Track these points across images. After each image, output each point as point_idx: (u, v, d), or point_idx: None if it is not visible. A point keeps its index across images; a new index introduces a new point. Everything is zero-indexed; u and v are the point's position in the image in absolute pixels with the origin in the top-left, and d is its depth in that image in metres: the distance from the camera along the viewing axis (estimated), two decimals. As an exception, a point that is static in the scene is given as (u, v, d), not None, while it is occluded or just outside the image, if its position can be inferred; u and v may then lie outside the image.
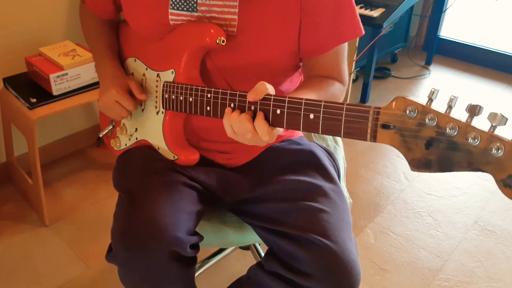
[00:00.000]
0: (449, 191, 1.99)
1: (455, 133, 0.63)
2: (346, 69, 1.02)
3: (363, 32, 0.97)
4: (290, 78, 1.04)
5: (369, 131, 0.70)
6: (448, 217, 1.84)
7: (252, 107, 0.82)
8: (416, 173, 2.09)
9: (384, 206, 1.88)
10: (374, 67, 2.55)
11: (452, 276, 1.57)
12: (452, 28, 3.33)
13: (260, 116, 0.81)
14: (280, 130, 0.83)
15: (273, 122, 0.81)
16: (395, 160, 2.18)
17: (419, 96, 2.78)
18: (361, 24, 0.97)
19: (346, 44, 0.99)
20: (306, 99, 0.76)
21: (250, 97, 0.81)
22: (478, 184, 2.03)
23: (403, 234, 1.75)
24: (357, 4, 2.33)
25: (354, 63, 2.49)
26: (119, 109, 1.00)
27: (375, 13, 2.27)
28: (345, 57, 1.01)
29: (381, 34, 2.40)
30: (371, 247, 1.68)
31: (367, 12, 2.29)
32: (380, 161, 2.18)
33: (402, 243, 1.70)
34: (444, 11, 3.05)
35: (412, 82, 2.94)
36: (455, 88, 2.89)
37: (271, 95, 0.81)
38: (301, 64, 1.04)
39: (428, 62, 3.17)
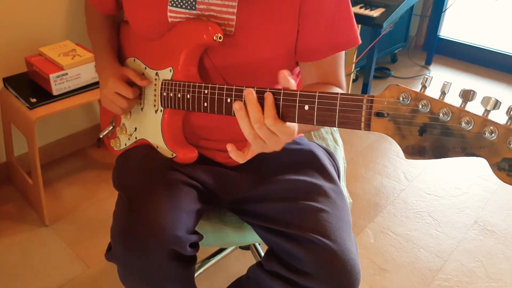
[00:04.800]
0: (449, 191, 1.99)
1: (449, 118, 0.62)
2: (344, 76, 1.02)
3: (360, 42, 0.97)
4: None
5: (363, 119, 0.70)
6: (448, 217, 1.84)
7: None
8: (416, 173, 2.09)
9: (384, 206, 1.88)
10: (374, 67, 2.55)
11: (452, 276, 1.57)
12: (452, 28, 3.33)
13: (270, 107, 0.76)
14: (289, 125, 0.78)
15: None
16: (395, 160, 2.18)
17: (419, 96, 2.78)
18: (357, 33, 0.97)
19: (343, 52, 1.00)
20: (301, 91, 0.76)
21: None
22: (478, 184, 2.03)
23: (403, 234, 1.75)
24: (357, 4, 2.33)
25: (354, 64, 2.49)
26: (119, 100, 0.99)
27: (375, 13, 2.27)
28: (342, 64, 1.01)
29: (382, 34, 2.40)
30: (371, 247, 1.68)
31: (367, 12, 2.29)
32: (380, 161, 2.18)
33: (402, 243, 1.70)
34: (444, 11, 3.05)
35: (412, 82, 2.94)
36: (455, 88, 2.89)
37: (265, 88, 0.80)
38: (297, 66, 1.04)
39: (428, 62, 3.17)
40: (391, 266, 1.60)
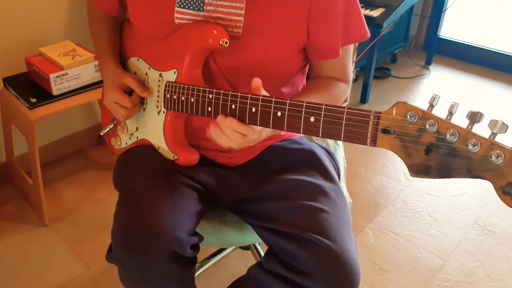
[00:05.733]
0: (449, 191, 1.99)
1: (455, 139, 0.63)
2: (351, 69, 1.04)
3: (369, 35, 0.98)
4: (292, 80, 1.04)
5: (369, 135, 0.71)
6: (448, 217, 1.84)
7: (253, 109, 0.82)
8: (416, 173, 2.09)
9: (384, 206, 1.89)
10: (374, 67, 2.55)
11: (452, 276, 1.57)
12: (452, 28, 3.33)
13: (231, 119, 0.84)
14: (268, 130, 0.85)
15: (273, 124, 0.81)
16: (395, 160, 2.18)
17: (419, 96, 2.78)
18: (366, 26, 0.98)
19: (352, 45, 1.01)
20: (307, 102, 0.77)
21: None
22: (478, 184, 2.03)
23: (403, 234, 1.75)
24: (357, 4, 2.33)
25: (354, 63, 2.49)
26: (119, 109, 1.00)
27: (375, 13, 2.27)
28: (350, 56, 1.03)
29: (381, 34, 2.40)
30: (371, 247, 1.68)
31: (367, 12, 2.29)
32: (380, 161, 2.18)
33: (402, 243, 1.70)
34: (444, 11, 3.05)
35: (412, 82, 2.94)
36: (455, 88, 2.89)
37: (271, 96, 0.81)
38: (304, 66, 1.04)
39: (428, 62, 3.17)
40: (391, 266, 1.60)
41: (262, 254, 1.42)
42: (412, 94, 2.80)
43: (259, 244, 1.44)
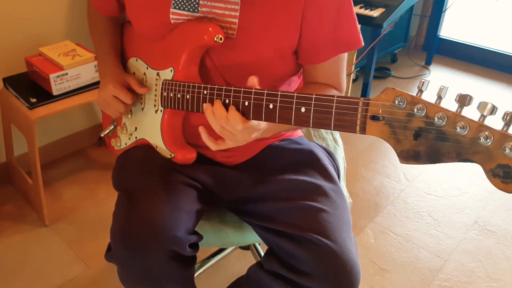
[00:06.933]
0: (449, 191, 1.99)
1: (444, 123, 0.62)
2: (345, 78, 1.03)
3: (362, 44, 0.97)
4: (288, 81, 1.04)
5: (358, 123, 0.70)
6: (448, 217, 1.84)
7: (246, 103, 0.83)
8: (416, 173, 2.09)
9: (384, 206, 1.88)
10: (374, 67, 2.55)
11: (452, 276, 1.57)
12: (452, 28, 3.33)
13: (232, 108, 0.83)
14: (253, 123, 0.84)
15: (265, 117, 0.81)
16: (395, 160, 2.18)
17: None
18: (360, 36, 0.97)
19: (345, 53, 1.00)
20: (298, 93, 0.77)
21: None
22: (478, 184, 2.03)
23: (403, 234, 1.75)
24: (357, 4, 2.33)
25: (353, 65, 2.49)
26: (116, 104, 1.00)
27: (375, 13, 2.27)
28: (344, 65, 1.02)
29: (382, 35, 2.40)
30: (371, 247, 1.68)
31: (367, 12, 2.28)
32: (380, 161, 2.18)
33: (402, 243, 1.70)
34: (444, 11, 3.05)
35: (412, 82, 2.94)
36: (455, 88, 2.89)
37: (263, 89, 0.81)
38: (300, 68, 1.04)
39: (428, 62, 3.17)
40: (391, 266, 1.60)
41: (262, 254, 1.42)
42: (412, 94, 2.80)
43: (259, 244, 1.44)
